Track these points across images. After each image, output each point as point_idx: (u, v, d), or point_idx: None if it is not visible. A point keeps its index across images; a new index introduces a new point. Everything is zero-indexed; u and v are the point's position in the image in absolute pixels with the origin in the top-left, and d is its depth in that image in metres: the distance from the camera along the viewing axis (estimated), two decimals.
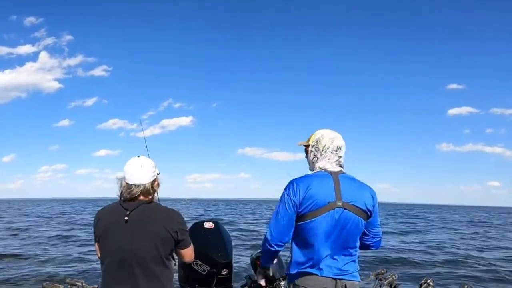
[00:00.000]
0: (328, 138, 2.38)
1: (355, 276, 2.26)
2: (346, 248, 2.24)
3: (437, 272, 9.96)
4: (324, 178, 2.25)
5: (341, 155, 2.36)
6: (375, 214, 2.32)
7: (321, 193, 2.19)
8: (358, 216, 2.22)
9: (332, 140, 2.36)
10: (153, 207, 2.24)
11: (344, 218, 2.19)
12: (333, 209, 2.18)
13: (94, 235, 2.27)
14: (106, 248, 2.19)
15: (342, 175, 2.29)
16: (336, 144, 2.35)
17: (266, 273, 2.80)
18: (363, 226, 2.26)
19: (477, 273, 10.07)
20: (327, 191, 2.20)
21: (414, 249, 14.01)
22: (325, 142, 2.37)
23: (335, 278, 2.20)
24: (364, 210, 2.24)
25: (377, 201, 2.31)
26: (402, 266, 10.70)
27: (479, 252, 13.65)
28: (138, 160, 2.27)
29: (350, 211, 2.20)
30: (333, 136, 2.38)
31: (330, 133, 2.40)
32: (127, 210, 2.18)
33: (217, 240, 3.06)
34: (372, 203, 2.27)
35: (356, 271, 2.28)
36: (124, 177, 2.25)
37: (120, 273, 2.15)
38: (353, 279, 2.25)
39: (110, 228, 2.18)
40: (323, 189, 2.21)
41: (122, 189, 2.23)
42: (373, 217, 2.31)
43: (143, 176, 2.23)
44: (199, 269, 2.93)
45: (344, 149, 2.37)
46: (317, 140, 2.40)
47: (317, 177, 2.27)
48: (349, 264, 2.25)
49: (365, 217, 2.26)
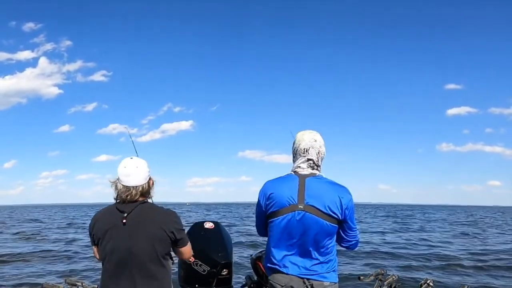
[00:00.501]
0: (297, 140, 2.42)
1: (325, 276, 2.28)
2: (313, 249, 2.27)
3: (436, 272, 9.94)
4: (290, 181, 2.32)
5: (311, 158, 2.35)
6: (349, 218, 2.30)
7: (282, 195, 2.27)
8: (322, 219, 2.22)
9: (299, 143, 2.39)
10: (149, 207, 2.27)
11: (306, 220, 2.24)
12: (294, 211, 2.24)
13: (91, 238, 2.30)
14: (104, 250, 2.21)
15: (311, 178, 2.30)
16: (302, 147, 2.37)
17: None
18: (331, 228, 2.26)
19: (477, 273, 10.07)
20: (290, 194, 2.27)
21: (413, 249, 13.99)
22: (295, 145, 2.42)
23: (302, 277, 2.26)
24: (327, 214, 2.23)
25: (349, 205, 2.28)
26: (402, 265, 10.69)
27: (478, 253, 13.62)
28: (133, 161, 2.28)
29: (311, 213, 2.23)
30: (301, 139, 2.39)
31: (302, 135, 2.42)
32: (123, 212, 2.20)
33: (217, 240, 3.07)
34: (339, 207, 2.24)
35: (326, 272, 2.29)
36: (119, 179, 2.24)
37: (118, 274, 2.18)
38: (322, 280, 2.27)
39: (108, 231, 2.20)
40: (286, 191, 2.28)
41: (119, 191, 2.23)
42: (346, 220, 2.30)
43: (140, 177, 2.24)
44: (199, 269, 2.94)
45: (315, 150, 2.35)
46: (293, 142, 2.45)
47: (283, 180, 2.36)
48: (319, 265, 2.29)
49: (331, 220, 2.24)
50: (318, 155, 2.37)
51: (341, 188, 2.31)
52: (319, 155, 2.38)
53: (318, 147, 2.37)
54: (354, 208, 2.34)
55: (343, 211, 2.26)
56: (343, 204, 2.26)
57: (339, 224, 2.30)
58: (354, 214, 2.35)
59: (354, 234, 2.40)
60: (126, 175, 2.22)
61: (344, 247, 2.46)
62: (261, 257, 3.08)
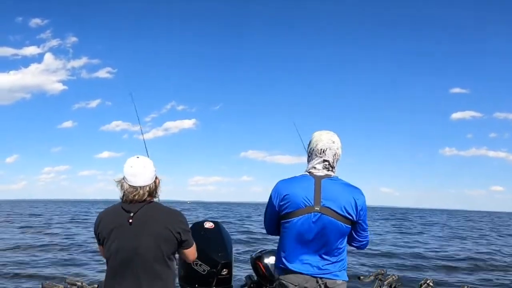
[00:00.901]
0: (314, 140, 2.39)
1: (337, 275, 2.30)
2: (327, 250, 2.28)
3: (436, 272, 9.94)
4: (305, 182, 2.30)
5: (328, 159, 2.34)
6: (362, 219, 2.31)
7: (298, 196, 2.27)
8: (337, 220, 2.23)
9: (316, 143, 2.36)
10: (155, 207, 2.24)
11: (322, 222, 2.23)
12: (310, 212, 2.24)
13: (97, 237, 2.28)
14: (109, 250, 2.19)
15: (326, 179, 2.30)
16: (319, 148, 2.35)
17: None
18: (345, 229, 2.28)
19: (477, 273, 10.06)
20: (305, 195, 2.26)
21: (413, 249, 13.98)
22: (311, 145, 2.40)
23: (316, 277, 2.27)
24: (343, 215, 2.24)
25: (364, 207, 2.30)
26: (402, 265, 10.68)
27: (478, 254, 13.62)
28: (140, 161, 2.23)
29: (328, 215, 2.23)
30: (319, 139, 2.37)
31: (320, 135, 2.39)
32: (130, 212, 2.17)
33: (217, 240, 3.06)
34: (354, 208, 2.25)
35: (339, 271, 2.31)
36: (125, 179, 2.20)
37: (123, 273, 2.16)
38: (334, 278, 2.29)
39: (113, 230, 2.18)
40: (301, 192, 2.26)
41: (125, 191, 2.20)
42: (359, 222, 2.31)
43: (147, 176, 2.21)
44: (199, 269, 2.94)
45: (332, 152, 2.34)
46: (309, 142, 2.43)
47: (298, 180, 2.34)
48: (332, 265, 2.30)
49: (346, 221, 2.26)
50: (335, 156, 2.36)
51: (355, 189, 2.31)
52: (335, 156, 2.36)
53: (336, 148, 2.35)
54: (367, 209, 2.34)
55: (357, 213, 2.27)
56: (358, 206, 2.26)
57: (352, 225, 2.30)
58: (367, 215, 2.36)
59: (366, 235, 2.41)
60: (133, 175, 2.18)
61: (354, 246, 2.46)
62: (261, 257, 3.09)
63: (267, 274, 3.04)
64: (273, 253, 3.13)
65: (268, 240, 16.05)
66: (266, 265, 3.05)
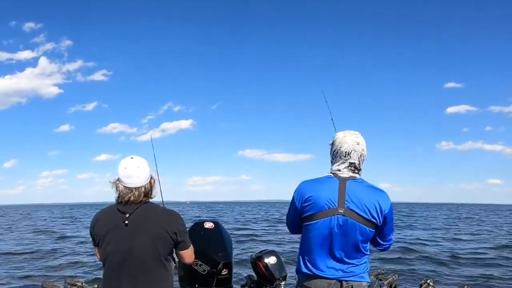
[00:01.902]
0: (338, 142, 2.32)
1: (362, 277, 2.25)
2: (351, 252, 2.22)
3: (437, 272, 9.94)
4: (330, 183, 2.23)
5: (353, 161, 2.27)
6: (387, 223, 2.25)
7: (321, 198, 2.20)
8: (362, 224, 2.17)
9: (341, 145, 2.29)
10: (151, 208, 2.23)
11: (346, 225, 2.17)
12: (334, 215, 2.17)
13: (93, 239, 2.27)
14: (105, 251, 2.18)
15: (351, 181, 2.23)
16: (344, 150, 2.28)
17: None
18: (369, 232, 2.22)
19: (477, 271, 10.06)
20: (329, 197, 2.19)
21: (414, 249, 13.97)
22: (335, 147, 2.32)
23: (341, 280, 2.20)
24: (368, 219, 2.18)
25: (389, 210, 2.23)
26: (402, 265, 10.68)
27: (477, 255, 13.63)
28: (134, 161, 2.21)
29: (352, 219, 2.16)
30: (343, 141, 2.30)
31: (344, 137, 2.32)
32: (125, 213, 2.16)
33: (217, 240, 3.05)
34: (379, 211, 2.19)
35: (363, 272, 2.26)
36: (119, 180, 2.19)
37: (120, 274, 2.16)
38: (360, 280, 2.24)
39: (109, 231, 2.17)
40: (325, 194, 2.19)
41: (120, 193, 2.18)
42: (385, 226, 2.25)
43: (142, 177, 2.19)
44: (199, 269, 2.93)
45: (357, 154, 2.27)
46: (332, 142, 2.36)
47: (322, 182, 2.26)
48: (356, 267, 2.24)
49: (371, 225, 2.20)
50: (360, 158, 2.29)
51: (380, 192, 2.24)
52: (361, 158, 2.29)
53: (361, 150, 2.28)
54: (393, 212, 2.27)
55: (382, 216, 2.20)
56: (383, 210, 2.20)
57: (377, 229, 2.24)
58: (393, 218, 2.29)
59: (390, 238, 2.35)
60: (127, 176, 2.16)
61: (378, 249, 2.42)
62: (261, 257, 3.08)
63: (267, 274, 3.03)
64: (273, 253, 3.14)
65: (269, 240, 16.07)
66: (266, 265, 3.04)
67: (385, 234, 2.30)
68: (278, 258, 3.11)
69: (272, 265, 3.04)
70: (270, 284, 3.06)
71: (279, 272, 3.05)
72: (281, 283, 3.04)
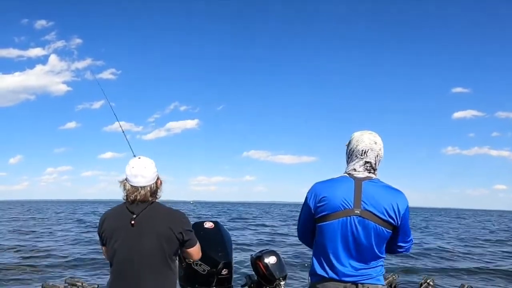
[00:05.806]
0: (354, 141, 2.27)
1: (379, 279, 2.18)
2: (367, 254, 2.15)
3: (437, 272, 9.92)
4: (345, 183, 2.18)
5: (369, 160, 2.21)
6: (403, 224, 2.18)
7: (336, 198, 2.13)
8: (378, 225, 2.11)
9: (357, 144, 2.24)
10: (157, 207, 2.26)
11: (362, 226, 2.10)
12: (349, 216, 2.11)
13: (100, 238, 2.30)
14: (113, 250, 2.22)
15: (368, 181, 2.17)
16: (360, 148, 2.22)
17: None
18: (386, 233, 2.15)
19: (477, 271, 10.02)
20: (344, 197, 2.13)
21: (414, 249, 13.94)
22: (352, 145, 2.27)
23: (356, 283, 2.14)
24: (385, 220, 2.11)
25: (406, 211, 2.16)
26: (402, 265, 10.66)
27: (478, 254, 13.59)
28: (140, 161, 2.27)
29: (368, 219, 2.10)
30: (360, 139, 2.24)
31: (361, 136, 2.27)
32: (133, 213, 2.20)
33: (217, 240, 3.06)
34: (396, 212, 2.12)
35: (379, 275, 2.19)
36: (127, 179, 2.25)
37: (126, 273, 2.19)
38: (376, 283, 2.16)
39: (116, 231, 2.21)
40: (340, 194, 2.14)
41: (127, 192, 2.23)
42: (402, 227, 2.18)
43: (148, 177, 2.24)
44: (199, 269, 2.94)
45: (374, 153, 2.22)
46: (349, 142, 2.32)
47: (337, 182, 2.20)
48: (372, 269, 2.17)
49: (388, 226, 2.13)
50: (377, 158, 2.23)
51: (397, 193, 2.18)
52: (378, 158, 2.24)
53: (378, 150, 2.23)
54: (409, 213, 2.22)
55: (399, 217, 2.14)
56: (400, 210, 2.13)
57: (394, 229, 2.17)
58: (409, 219, 2.23)
59: (408, 240, 2.28)
60: (134, 176, 2.22)
61: (400, 252, 2.33)
62: (261, 257, 3.08)
63: (267, 274, 3.04)
64: (273, 253, 3.14)
65: (269, 240, 16.07)
66: (266, 265, 3.04)
67: (403, 234, 2.22)
68: (278, 258, 3.12)
69: (272, 265, 3.05)
70: (270, 284, 3.06)
71: (279, 272, 3.05)
72: (281, 283, 3.04)
